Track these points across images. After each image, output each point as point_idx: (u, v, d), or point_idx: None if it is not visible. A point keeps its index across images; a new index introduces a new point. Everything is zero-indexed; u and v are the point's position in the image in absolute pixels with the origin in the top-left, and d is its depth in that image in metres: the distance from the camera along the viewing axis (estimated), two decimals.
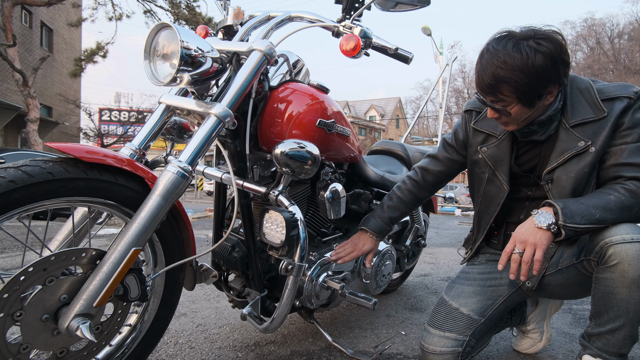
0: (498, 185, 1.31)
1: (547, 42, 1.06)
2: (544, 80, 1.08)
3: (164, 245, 1.10)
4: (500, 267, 1.10)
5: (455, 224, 7.32)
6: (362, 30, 1.25)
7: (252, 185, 1.21)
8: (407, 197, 1.49)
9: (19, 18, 13.12)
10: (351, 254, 1.40)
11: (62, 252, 0.90)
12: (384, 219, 1.46)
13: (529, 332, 1.52)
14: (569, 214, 1.05)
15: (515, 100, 1.11)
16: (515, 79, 1.06)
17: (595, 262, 1.09)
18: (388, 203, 1.49)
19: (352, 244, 1.43)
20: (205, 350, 1.48)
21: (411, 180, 1.51)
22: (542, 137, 1.22)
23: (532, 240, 1.06)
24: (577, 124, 1.16)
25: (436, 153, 1.50)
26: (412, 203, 1.51)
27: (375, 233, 1.44)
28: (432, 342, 1.27)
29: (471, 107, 1.39)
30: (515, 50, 1.06)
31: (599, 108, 1.14)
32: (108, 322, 1.02)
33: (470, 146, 1.38)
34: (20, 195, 0.82)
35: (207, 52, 1.07)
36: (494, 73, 1.08)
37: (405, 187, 1.50)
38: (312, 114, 1.27)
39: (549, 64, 1.05)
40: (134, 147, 1.16)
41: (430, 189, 1.51)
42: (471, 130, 1.37)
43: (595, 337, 1.12)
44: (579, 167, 1.15)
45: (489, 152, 1.31)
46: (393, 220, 1.48)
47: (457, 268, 3.04)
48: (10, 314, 0.84)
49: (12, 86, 12.08)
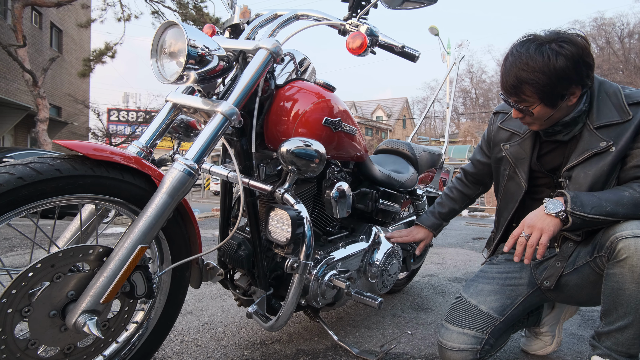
0: (518, 182, 1.34)
1: (569, 44, 1.09)
2: (566, 82, 1.10)
3: (171, 243, 1.10)
4: (506, 249, 1.15)
5: (462, 225, 7.28)
6: (368, 28, 1.25)
7: (258, 183, 1.22)
8: (454, 194, 1.67)
9: (29, 19, 13.27)
10: (405, 238, 1.64)
11: (69, 249, 0.90)
12: (434, 214, 1.68)
13: (541, 334, 1.51)
14: (578, 203, 1.08)
15: (537, 101, 1.14)
16: (537, 80, 1.09)
17: (606, 258, 1.09)
18: (439, 201, 1.70)
19: (408, 230, 1.68)
20: (211, 349, 1.48)
21: (457, 180, 1.69)
22: (566, 137, 1.24)
23: (540, 225, 1.10)
24: (602, 126, 1.17)
25: (472, 156, 1.62)
26: (460, 199, 1.67)
27: (427, 227, 1.66)
28: (450, 338, 1.25)
29: (500, 110, 1.46)
30: (537, 52, 1.10)
31: (624, 111, 1.16)
32: (115, 319, 1.03)
33: (495, 145, 1.43)
34: (28, 191, 0.83)
35: (214, 51, 1.07)
36: (516, 75, 1.12)
37: (453, 185, 1.69)
38: (319, 113, 1.27)
39: (570, 66, 1.08)
40: (141, 145, 1.16)
41: (473, 187, 1.65)
42: (497, 130, 1.43)
43: (604, 336, 1.11)
44: (598, 166, 1.16)
45: (511, 149, 1.35)
46: (442, 215, 1.67)
47: (464, 268, 3.03)
48: (18, 310, 0.85)
49: (22, 86, 12.22)
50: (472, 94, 40.94)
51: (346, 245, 1.49)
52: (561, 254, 1.25)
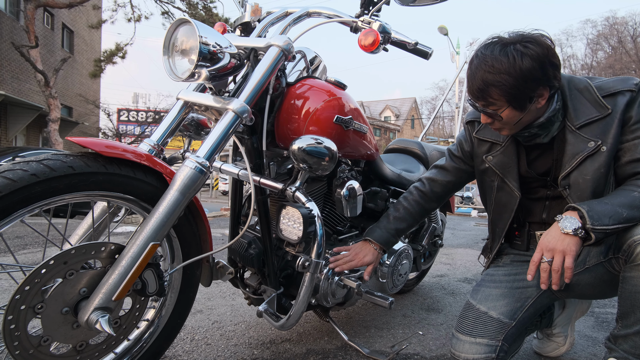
0: (509, 192, 1.29)
1: (534, 45, 1.06)
2: (533, 83, 1.07)
3: (182, 241, 1.10)
4: (530, 278, 1.06)
5: (471, 225, 7.22)
6: (381, 25, 1.24)
7: (269, 181, 1.21)
8: (414, 208, 1.46)
9: (42, 20, 13.44)
10: (350, 263, 1.34)
11: (82, 246, 0.91)
12: (389, 230, 1.42)
13: (554, 335, 1.49)
14: (595, 217, 1.01)
15: (505, 104, 1.11)
16: (503, 82, 1.06)
17: (623, 261, 1.06)
18: (394, 214, 1.46)
19: (353, 252, 1.37)
20: (221, 347, 1.48)
21: (418, 191, 1.48)
22: (546, 139, 1.20)
23: (560, 247, 1.02)
24: (583, 125, 1.14)
25: (443, 164, 1.48)
26: (419, 214, 1.48)
27: (380, 244, 1.40)
28: (463, 349, 1.21)
29: (472, 118, 1.38)
30: (502, 54, 1.07)
31: (601, 105, 1.13)
32: (126, 317, 1.03)
33: (476, 156, 1.37)
34: (42, 188, 0.83)
35: (225, 48, 1.07)
36: (482, 77, 1.09)
37: (412, 197, 1.48)
38: (330, 111, 1.26)
39: (536, 67, 1.05)
40: (153, 143, 1.16)
41: (438, 199, 1.49)
42: (475, 141, 1.36)
43: (621, 339, 1.08)
44: (594, 168, 1.12)
45: (495, 160, 1.30)
46: (399, 232, 1.45)
47: (474, 269, 3.00)
48: (31, 307, 0.85)
49: (34, 87, 12.38)
50: None
51: None
52: None
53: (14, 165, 0.83)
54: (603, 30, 30.84)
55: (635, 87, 1.11)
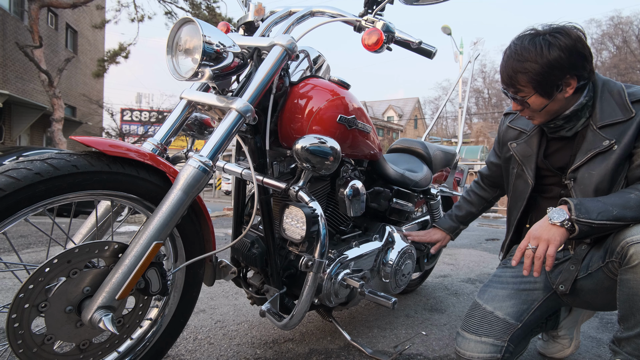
0: (525, 180, 1.34)
1: (563, 36, 1.12)
2: (559, 71, 1.12)
3: (185, 240, 1.10)
4: (514, 263, 1.14)
5: (475, 226, 7.19)
6: (384, 24, 1.23)
7: (272, 181, 1.21)
8: (472, 197, 1.68)
9: (45, 20, 13.50)
10: (422, 237, 1.68)
11: (85, 245, 0.91)
12: (451, 217, 1.69)
13: (559, 337, 1.48)
14: (583, 210, 1.06)
15: (532, 91, 1.16)
16: (529, 69, 1.13)
17: (617, 264, 1.06)
18: (457, 204, 1.72)
19: (425, 231, 1.71)
20: (224, 347, 1.48)
21: (475, 183, 1.70)
22: (569, 133, 1.23)
23: (546, 236, 1.08)
24: (605, 125, 1.16)
25: (487, 159, 1.63)
26: (477, 202, 1.67)
27: (444, 229, 1.69)
28: (468, 347, 1.21)
29: (510, 110, 1.47)
30: (530, 43, 1.13)
31: (627, 109, 1.15)
32: (129, 316, 1.03)
33: (504, 144, 1.44)
34: (45, 187, 0.83)
35: (229, 47, 1.07)
36: (512, 66, 1.16)
37: (470, 189, 1.71)
38: (333, 110, 1.26)
39: (563, 56, 1.10)
40: (156, 142, 1.16)
41: (490, 190, 1.66)
42: (506, 129, 1.44)
43: (624, 342, 1.08)
44: (602, 165, 1.14)
45: (518, 147, 1.36)
46: (459, 218, 1.68)
47: (477, 270, 2.99)
48: (35, 305, 0.85)
49: (38, 86, 12.43)
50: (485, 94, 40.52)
51: (360, 245, 1.48)
52: (575, 256, 1.22)
53: (18, 164, 0.83)
54: (608, 29, 30.70)
55: None
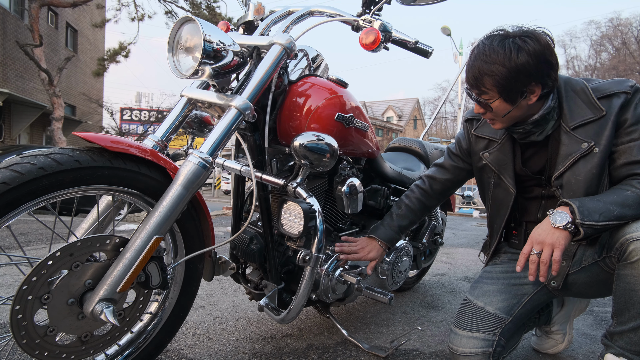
0: (505, 189, 1.31)
1: (533, 41, 1.08)
2: (525, 77, 1.09)
3: (185, 235, 1.12)
4: (519, 269, 1.09)
5: (472, 226, 7.22)
6: (382, 24, 1.25)
7: (271, 177, 1.23)
8: (416, 206, 1.50)
9: (46, 19, 13.49)
10: (355, 255, 1.40)
11: (87, 239, 0.93)
12: (393, 228, 1.47)
13: (552, 332, 1.50)
14: (586, 212, 1.04)
15: (496, 94, 1.13)
16: (496, 72, 1.09)
17: (616, 259, 1.07)
18: (397, 212, 1.50)
19: (359, 246, 1.43)
20: (222, 342, 1.50)
21: (419, 189, 1.52)
22: (540, 137, 1.21)
23: (550, 240, 1.05)
24: (578, 126, 1.15)
25: (442, 162, 1.52)
26: (420, 211, 1.52)
27: (384, 241, 1.45)
28: (460, 343, 1.23)
29: (471, 116, 1.40)
30: (500, 45, 1.09)
31: (596, 107, 1.13)
32: (130, 309, 1.05)
33: (474, 154, 1.39)
34: (49, 182, 0.85)
35: (229, 46, 1.09)
36: (478, 66, 1.12)
37: (414, 195, 1.52)
38: (331, 108, 1.28)
39: (531, 62, 1.07)
40: (157, 139, 1.18)
41: (438, 197, 1.53)
42: (473, 138, 1.38)
43: (617, 336, 1.10)
44: (587, 169, 1.13)
45: (491, 157, 1.32)
46: (402, 229, 1.49)
47: (474, 268, 3.01)
48: (38, 297, 0.87)
49: (38, 85, 12.44)
50: None
51: None
52: (565, 252, 1.23)
53: (22, 159, 0.85)
54: (607, 31, 30.73)
55: (631, 89, 1.12)
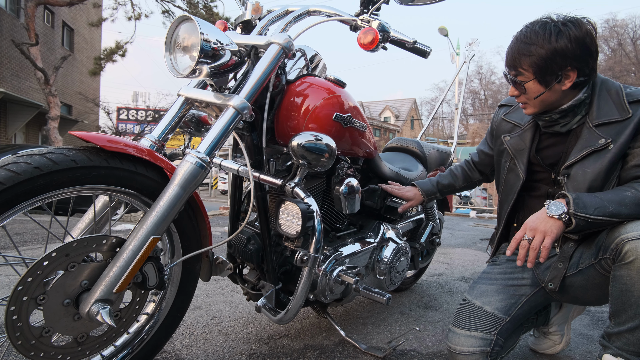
0: (517, 174, 1.35)
1: (574, 26, 1.11)
2: (561, 60, 1.12)
3: (182, 236, 1.11)
4: (509, 253, 1.13)
5: (469, 226, 7.23)
6: (380, 23, 1.25)
7: (269, 177, 1.22)
8: (459, 172, 1.69)
9: (42, 18, 13.41)
10: (396, 191, 1.63)
11: (83, 239, 0.92)
12: (432, 182, 1.69)
13: (550, 333, 1.50)
14: (581, 204, 1.07)
15: (531, 75, 1.16)
16: (534, 53, 1.13)
17: (611, 260, 1.08)
18: (440, 174, 1.72)
19: (402, 186, 1.66)
20: (219, 342, 1.49)
21: (464, 162, 1.71)
22: (563, 129, 1.24)
23: (542, 228, 1.08)
24: (601, 124, 1.17)
25: (478, 147, 1.64)
26: (461, 178, 1.68)
27: (423, 190, 1.66)
28: (458, 342, 1.24)
29: (505, 102, 1.48)
30: (541, 28, 1.13)
31: (624, 109, 1.15)
32: (127, 310, 1.04)
33: (497, 137, 1.44)
34: (44, 181, 0.85)
35: (227, 45, 1.08)
36: (518, 48, 1.16)
37: (459, 164, 1.72)
38: (329, 108, 1.28)
39: (569, 46, 1.10)
40: (154, 139, 1.17)
41: (477, 173, 1.67)
42: (499, 122, 1.45)
43: (615, 337, 1.10)
44: (596, 163, 1.15)
45: (511, 141, 1.37)
46: (441, 186, 1.68)
47: (472, 268, 3.01)
48: (33, 298, 0.86)
49: (34, 84, 12.37)
50: (481, 95, 40.61)
51: (355, 242, 1.50)
52: (562, 254, 1.24)
53: (18, 158, 0.84)
54: (603, 32, 30.84)
55: None
